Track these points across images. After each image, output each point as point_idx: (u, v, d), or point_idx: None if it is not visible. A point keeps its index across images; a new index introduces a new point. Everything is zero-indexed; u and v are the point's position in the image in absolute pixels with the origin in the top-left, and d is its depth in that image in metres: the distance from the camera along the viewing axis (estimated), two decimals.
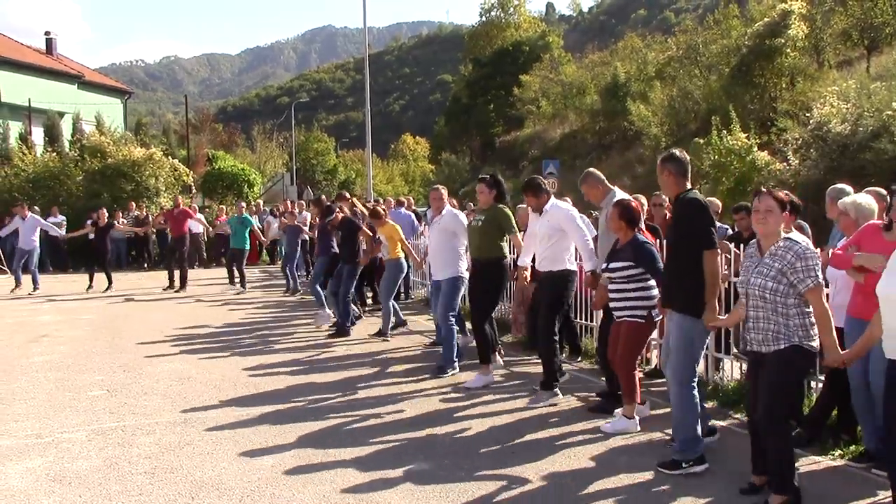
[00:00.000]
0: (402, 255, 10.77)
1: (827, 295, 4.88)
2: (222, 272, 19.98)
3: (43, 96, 32.51)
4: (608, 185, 7.10)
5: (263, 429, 6.34)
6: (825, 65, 35.02)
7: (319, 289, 12.18)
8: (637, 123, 38.10)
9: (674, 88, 38.35)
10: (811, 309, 4.49)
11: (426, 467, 5.41)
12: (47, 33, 41.27)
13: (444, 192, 9.13)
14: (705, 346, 5.77)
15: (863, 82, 24.52)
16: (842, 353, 4.48)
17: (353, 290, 11.39)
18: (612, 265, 6.35)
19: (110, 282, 16.93)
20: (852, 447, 5.54)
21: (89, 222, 19.85)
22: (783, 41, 31.87)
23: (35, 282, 16.83)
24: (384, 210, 11.33)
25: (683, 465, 5.20)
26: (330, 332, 11.07)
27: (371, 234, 11.16)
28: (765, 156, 23.20)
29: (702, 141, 24.40)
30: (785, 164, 22.15)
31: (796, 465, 4.62)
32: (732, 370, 7.46)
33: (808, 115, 23.23)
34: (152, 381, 8.11)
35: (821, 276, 4.45)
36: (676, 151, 5.61)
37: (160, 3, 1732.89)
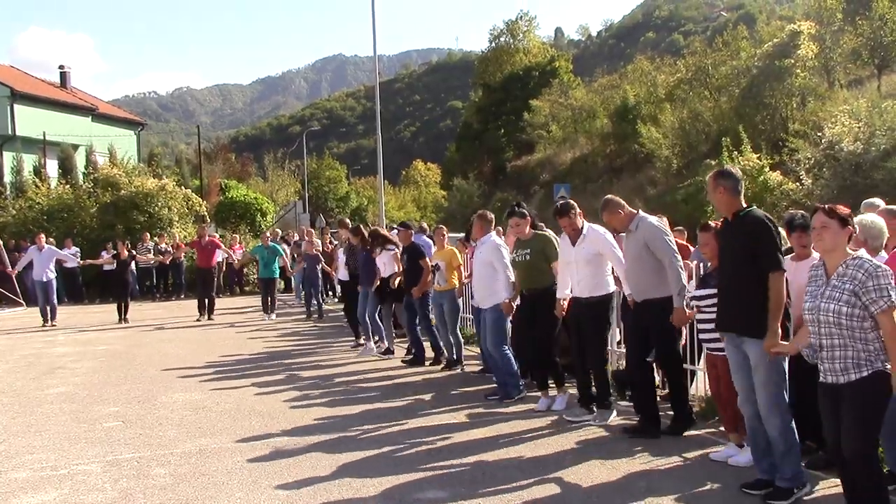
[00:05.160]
0: (456, 283, 10.27)
1: None
2: (238, 301, 20.09)
3: (57, 129, 32.77)
4: (630, 208, 6.80)
5: (279, 458, 6.30)
6: (835, 84, 35.04)
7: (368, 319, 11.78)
8: (648, 146, 38.15)
9: (684, 110, 38.41)
10: None
11: (442, 494, 5.36)
12: (61, 67, 41.66)
13: (484, 219, 8.76)
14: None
15: (874, 101, 24.54)
16: None
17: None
18: (700, 292, 5.98)
19: (126, 314, 16.95)
20: None
21: (104, 254, 19.93)
22: (793, 61, 31.94)
23: (53, 315, 16.81)
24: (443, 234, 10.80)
25: (795, 490, 5.04)
26: (405, 360, 10.82)
27: (428, 264, 10.53)
28: (777, 176, 23.19)
29: (713, 162, 24.41)
30: (798, 183, 22.11)
31: (817, 487, 4.54)
32: None
33: (819, 134, 23.23)
34: (167, 412, 8.10)
35: (895, 297, 4.08)
36: (729, 167, 5.34)
37: (172, 36, 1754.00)
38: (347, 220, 14.44)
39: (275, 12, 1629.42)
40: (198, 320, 16.77)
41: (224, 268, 22.89)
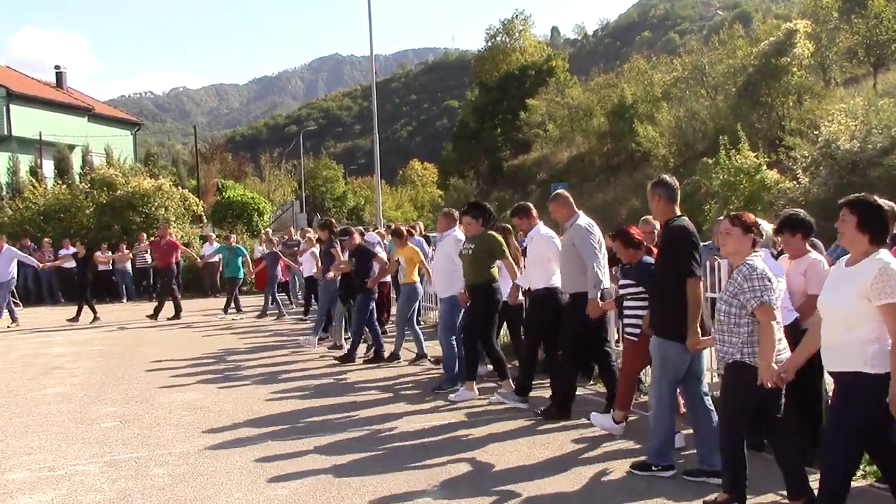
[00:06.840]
0: (417, 279, 10.61)
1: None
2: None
3: (53, 129, 32.75)
4: (574, 208, 7.35)
5: (277, 458, 6.28)
6: (832, 82, 35.06)
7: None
8: (645, 145, 38.13)
9: (681, 109, 38.41)
10: None
11: (438, 495, 5.35)
12: (57, 67, 41.65)
13: (449, 215, 9.34)
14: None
15: (870, 99, 24.54)
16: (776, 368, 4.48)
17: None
18: (622, 282, 6.67)
19: (95, 313, 16.96)
20: (872, 467, 5.42)
21: (98, 253, 19.92)
22: (789, 60, 31.94)
23: (11, 315, 16.72)
24: (406, 231, 11.25)
25: (654, 468, 5.52)
26: (366, 359, 10.88)
27: (384, 260, 11.10)
28: (774, 174, 23.19)
29: (710, 161, 24.40)
30: (794, 182, 22.12)
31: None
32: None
33: (816, 132, 23.24)
34: (165, 412, 8.08)
35: (767, 297, 4.52)
36: (666, 177, 5.77)
37: (167, 36, 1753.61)
38: (329, 220, 14.58)
39: (271, 12, 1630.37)
40: (147, 317, 16.96)
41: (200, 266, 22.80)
